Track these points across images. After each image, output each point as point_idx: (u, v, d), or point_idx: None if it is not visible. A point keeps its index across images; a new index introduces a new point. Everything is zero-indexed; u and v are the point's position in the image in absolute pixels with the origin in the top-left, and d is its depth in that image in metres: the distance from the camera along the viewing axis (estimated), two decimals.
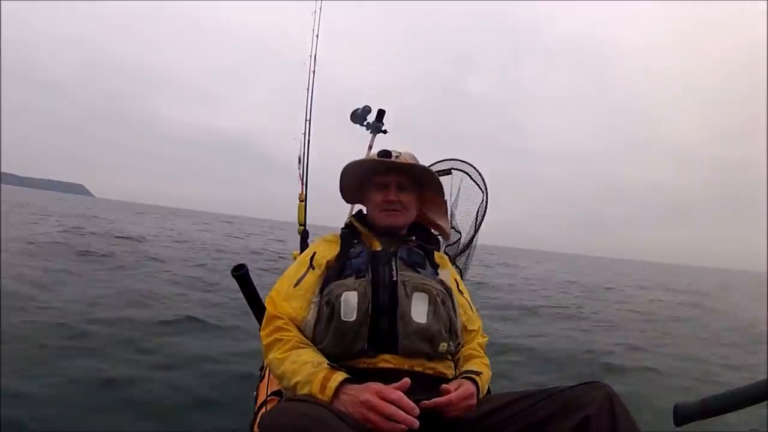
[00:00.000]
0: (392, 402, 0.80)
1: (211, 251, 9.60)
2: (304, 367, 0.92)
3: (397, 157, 1.21)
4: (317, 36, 2.21)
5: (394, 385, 0.84)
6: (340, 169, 1.23)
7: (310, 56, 2.18)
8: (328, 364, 0.92)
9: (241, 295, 1.42)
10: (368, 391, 0.82)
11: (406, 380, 0.85)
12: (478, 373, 1.04)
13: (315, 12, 2.25)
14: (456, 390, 0.93)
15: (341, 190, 1.29)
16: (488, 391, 1.17)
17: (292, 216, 1.98)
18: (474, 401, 0.95)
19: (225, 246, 11.33)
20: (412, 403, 0.81)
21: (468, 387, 0.96)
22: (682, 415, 0.71)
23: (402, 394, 0.82)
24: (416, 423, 0.80)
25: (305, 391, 0.88)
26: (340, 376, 0.88)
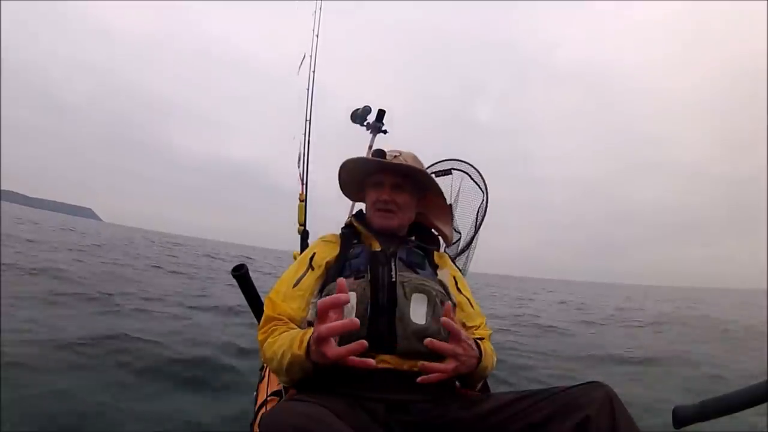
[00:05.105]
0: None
1: None
2: (284, 336, 0.96)
3: (396, 157, 1.21)
4: (317, 36, 2.21)
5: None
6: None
7: (310, 56, 2.18)
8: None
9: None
10: (313, 340, 0.83)
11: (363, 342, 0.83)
12: (481, 339, 1.08)
13: (315, 12, 2.25)
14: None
15: (341, 187, 1.31)
16: (488, 390, 1.17)
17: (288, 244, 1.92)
18: (474, 360, 0.97)
19: None
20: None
21: (471, 344, 0.98)
22: (682, 417, 0.70)
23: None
24: (348, 299, 0.82)
25: (288, 356, 0.91)
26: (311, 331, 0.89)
